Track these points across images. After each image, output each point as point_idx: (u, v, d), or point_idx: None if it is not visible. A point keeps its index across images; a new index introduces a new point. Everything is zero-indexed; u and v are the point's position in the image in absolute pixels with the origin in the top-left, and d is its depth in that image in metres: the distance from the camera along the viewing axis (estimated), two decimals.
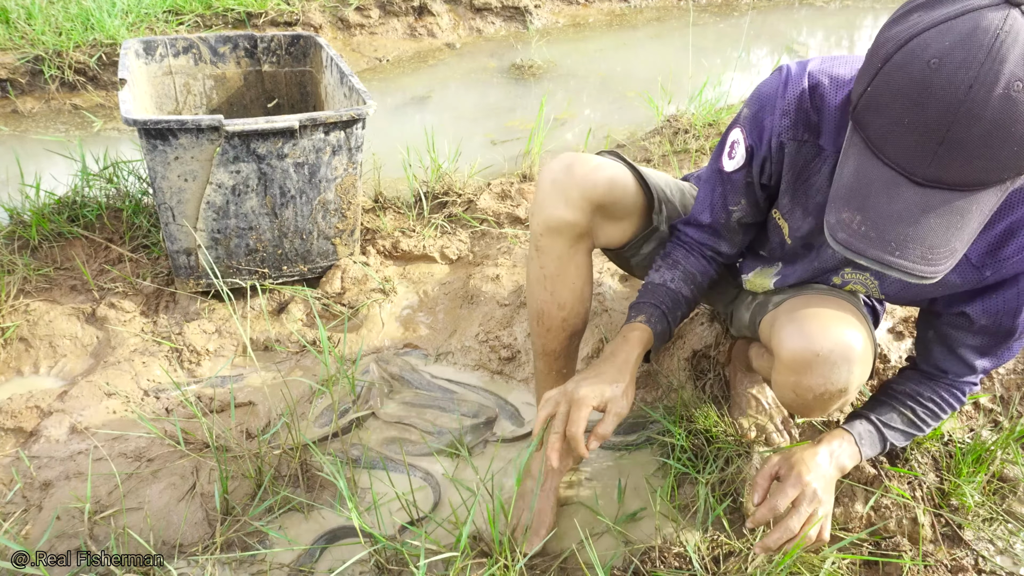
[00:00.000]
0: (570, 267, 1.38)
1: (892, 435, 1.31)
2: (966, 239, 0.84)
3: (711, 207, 1.31)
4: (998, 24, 0.75)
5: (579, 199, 1.31)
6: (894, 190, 0.83)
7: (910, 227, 0.83)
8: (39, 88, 3.48)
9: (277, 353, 1.92)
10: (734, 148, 1.22)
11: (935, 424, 1.32)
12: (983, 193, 0.82)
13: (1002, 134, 0.76)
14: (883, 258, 0.85)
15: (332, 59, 2.26)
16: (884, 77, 0.81)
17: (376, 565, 1.36)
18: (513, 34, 4.80)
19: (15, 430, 1.65)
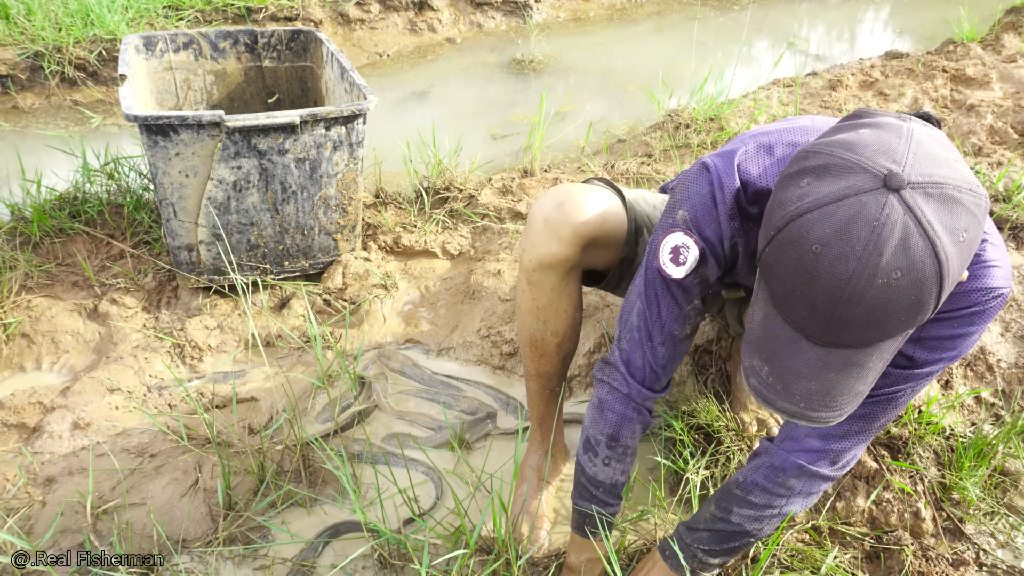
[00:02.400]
0: (563, 298, 1.40)
1: (694, 538, 1.23)
2: (870, 381, 0.88)
3: (663, 323, 1.22)
4: (875, 214, 0.77)
5: (571, 236, 1.32)
6: (796, 346, 0.86)
7: (812, 382, 0.86)
8: (39, 84, 3.47)
9: (279, 349, 1.92)
10: (680, 253, 1.17)
11: (748, 513, 1.17)
12: (880, 345, 0.85)
13: (887, 312, 0.80)
14: (790, 409, 0.89)
15: (332, 54, 2.25)
16: (776, 247, 0.84)
17: (379, 559, 1.37)
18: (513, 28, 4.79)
19: (18, 426, 1.66)
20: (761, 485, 1.16)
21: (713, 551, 1.22)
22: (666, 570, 1.26)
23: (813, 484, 1.14)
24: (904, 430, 1.57)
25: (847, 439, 1.10)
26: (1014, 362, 1.80)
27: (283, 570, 1.36)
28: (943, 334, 1.01)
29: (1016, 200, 2.26)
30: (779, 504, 1.16)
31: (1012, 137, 2.87)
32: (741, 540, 1.20)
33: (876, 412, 1.08)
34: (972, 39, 4.02)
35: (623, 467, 1.29)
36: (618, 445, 1.27)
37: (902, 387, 1.05)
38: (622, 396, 1.26)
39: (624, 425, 1.27)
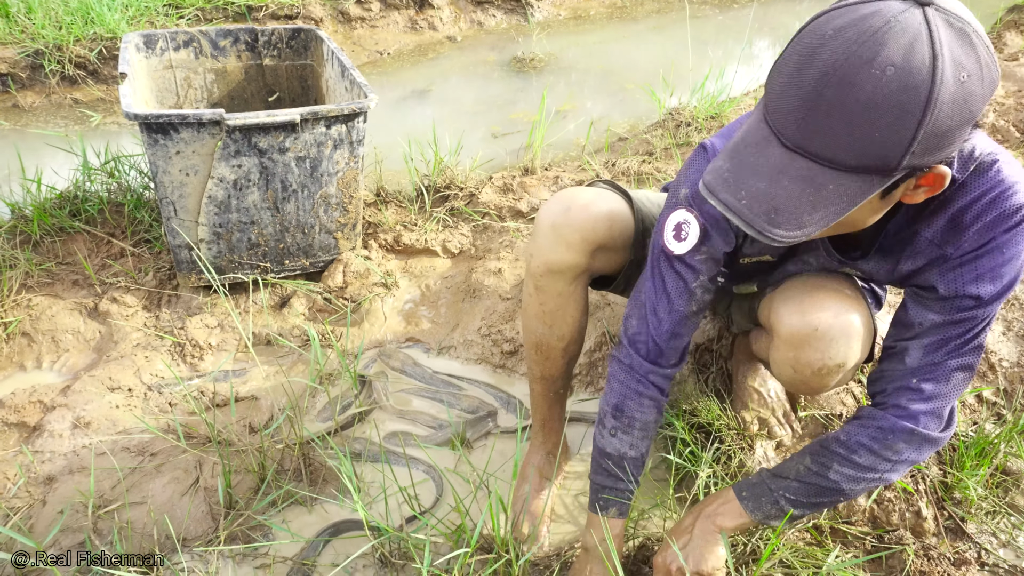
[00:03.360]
0: (570, 304, 1.40)
1: (782, 486, 1.18)
2: (817, 219, 0.86)
3: (669, 298, 1.24)
4: (894, 14, 0.79)
5: (579, 242, 1.32)
6: (765, 147, 0.88)
7: (764, 182, 0.87)
8: (39, 82, 3.47)
9: (279, 347, 1.92)
10: (682, 229, 1.20)
11: (848, 472, 1.14)
12: (843, 175, 0.84)
13: (865, 115, 0.80)
14: (729, 202, 0.88)
15: (333, 52, 2.25)
16: (790, 46, 0.86)
17: (380, 558, 1.36)
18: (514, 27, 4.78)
19: (18, 425, 1.66)
20: (867, 446, 1.13)
21: (799, 502, 1.18)
22: (738, 510, 1.22)
23: (922, 449, 1.12)
24: None
25: (950, 395, 1.10)
26: (1016, 361, 1.80)
27: (284, 569, 1.36)
28: (995, 261, 1.03)
29: None
30: (883, 469, 1.13)
31: (1014, 135, 2.86)
32: (832, 497, 1.17)
33: (972, 362, 1.09)
34: None
35: (630, 440, 1.29)
36: (623, 416, 1.29)
37: (979, 325, 1.06)
38: (626, 368, 1.29)
39: (628, 396, 1.28)
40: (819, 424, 1.62)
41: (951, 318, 1.07)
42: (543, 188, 2.57)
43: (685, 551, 1.21)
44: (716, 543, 1.21)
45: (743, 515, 1.21)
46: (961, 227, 1.04)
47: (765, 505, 1.19)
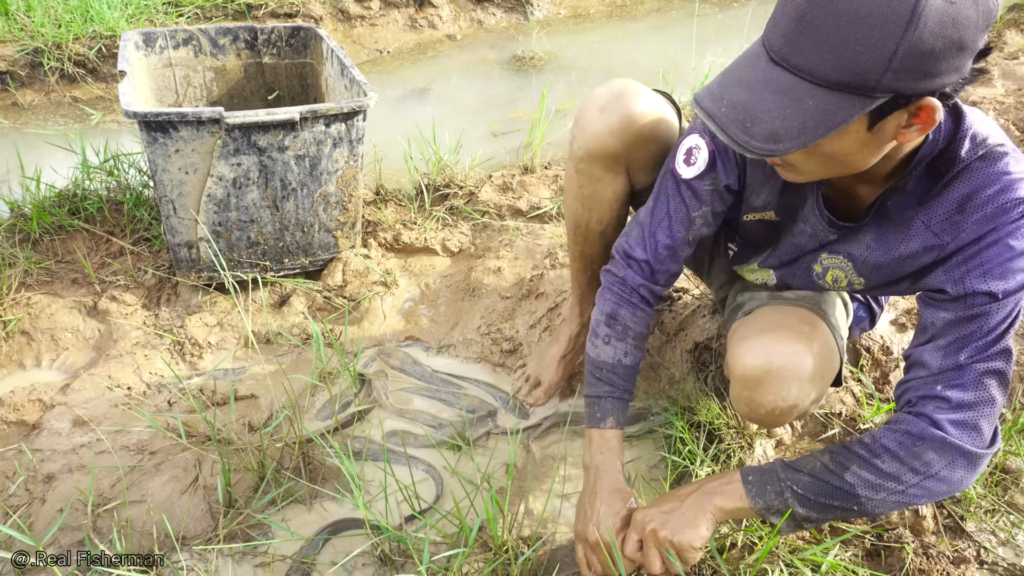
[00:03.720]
0: (607, 190, 1.43)
1: (791, 478, 1.10)
2: (794, 134, 0.87)
3: (670, 221, 1.26)
4: None
5: (622, 129, 1.34)
6: (754, 61, 0.90)
7: (746, 93, 0.89)
8: (39, 80, 3.47)
9: (279, 346, 1.92)
10: (692, 154, 1.22)
11: (867, 476, 1.05)
12: (822, 91, 0.85)
13: (848, 26, 0.81)
14: (710, 109, 0.91)
15: (333, 51, 2.25)
16: None
17: (379, 557, 1.36)
18: (514, 25, 4.78)
19: (18, 423, 1.66)
20: (892, 451, 1.04)
21: (806, 499, 1.08)
22: (740, 493, 1.13)
23: (956, 464, 1.01)
24: None
25: (982, 405, 1.01)
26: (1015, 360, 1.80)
27: (283, 567, 1.36)
28: (1002, 256, 0.99)
29: None
30: (908, 481, 1.03)
31: (1014, 134, 2.86)
32: (843, 502, 1.06)
33: (1001, 367, 1.01)
34: None
35: (625, 348, 1.30)
36: (616, 323, 1.31)
37: (1000, 324, 1.00)
38: (619, 280, 1.33)
39: (622, 305, 1.32)
40: (819, 423, 1.62)
41: (965, 314, 1.02)
42: (543, 187, 2.56)
43: (668, 516, 1.15)
44: (703, 520, 1.14)
45: (743, 499, 1.13)
46: (961, 216, 1.02)
47: (769, 495, 1.11)
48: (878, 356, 1.74)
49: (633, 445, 1.66)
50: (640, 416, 1.71)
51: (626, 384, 1.31)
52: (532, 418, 1.73)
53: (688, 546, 1.12)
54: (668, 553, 1.13)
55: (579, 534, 1.25)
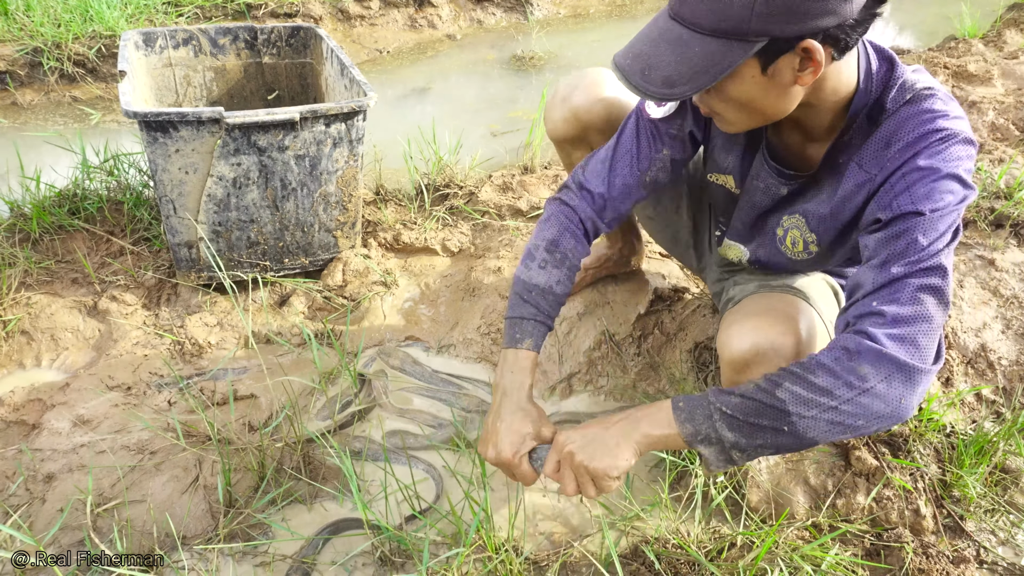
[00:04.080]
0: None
1: (722, 400, 1.05)
2: (687, 79, 0.98)
3: (631, 158, 1.33)
4: None
5: (574, 119, 1.54)
6: (657, 19, 1.02)
7: (647, 46, 1.01)
8: (38, 80, 3.46)
9: (279, 346, 1.92)
10: None
11: (799, 391, 0.99)
12: (706, 39, 0.96)
13: None
14: (619, 62, 1.03)
15: (332, 51, 2.25)
16: None
17: (380, 557, 1.36)
18: (514, 25, 4.78)
19: (18, 423, 1.66)
20: (827, 366, 0.99)
21: (735, 420, 1.03)
22: (668, 419, 1.08)
23: (893, 379, 0.97)
24: (904, 427, 1.57)
25: (919, 320, 0.99)
26: (1015, 359, 1.80)
27: (283, 567, 1.36)
28: (926, 177, 1.02)
29: (1018, 197, 2.25)
30: (842, 395, 0.98)
31: (1014, 134, 2.86)
32: (774, 422, 1.01)
33: (936, 283, 1.00)
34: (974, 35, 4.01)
35: (559, 276, 1.32)
36: (556, 251, 1.33)
37: (930, 240, 1.00)
38: (568, 209, 1.37)
39: (565, 234, 1.34)
40: None
41: (895, 231, 1.03)
42: (543, 187, 2.56)
43: (589, 441, 1.11)
44: (626, 449, 1.09)
45: (671, 426, 1.07)
46: (887, 150, 1.07)
47: (698, 418, 1.05)
48: None
49: None
50: None
51: (551, 311, 1.32)
52: None
53: (603, 474, 1.10)
54: (583, 479, 1.11)
55: (481, 453, 1.24)
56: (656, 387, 1.77)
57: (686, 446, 1.07)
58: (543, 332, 1.31)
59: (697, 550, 1.33)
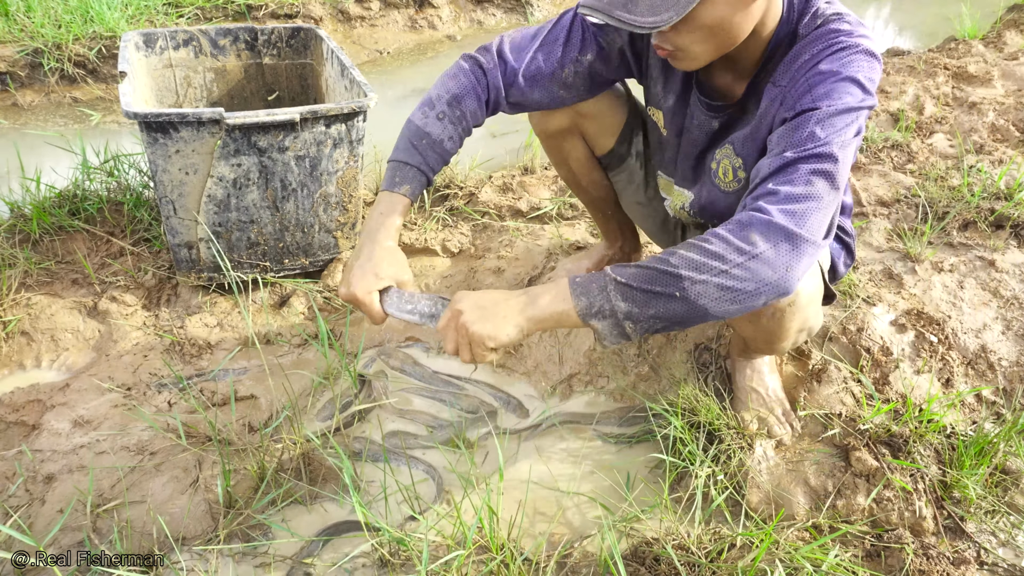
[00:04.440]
0: (572, 154, 1.68)
1: (617, 271, 1.06)
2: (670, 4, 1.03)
3: (554, 46, 1.34)
4: None
5: (566, 107, 1.50)
6: None
7: None
8: (39, 81, 3.47)
9: (279, 346, 1.92)
10: None
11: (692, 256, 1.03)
12: None
13: None
14: (592, 3, 1.07)
15: (333, 51, 2.25)
16: None
17: (379, 558, 1.36)
18: (514, 25, 4.78)
19: (17, 423, 1.66)
20: (720, 235, 1.04)
21: (629, 288, 1.04)
22: (564, 294, 1.07)
23: (780, 245, 1.02)
24: (905, 428, 1.57)
25: (810, 198, 1.05)
26: (1015, 360, 1.80)
27: (283, 568, 1.36)
28: (826, 79, 1.10)
29: (1018, 198, 2.25)
30: (732, 260, 1.01)
31: (1014, 135, 2.86)
32: (666, 287, 1.02)
33: (829, 169, 1.06)
34: (974, 36, 4.01)
35: (452, 131, 1.33)
36: (458, 108, 1.32)
37: (826, 131, 1.07)
38: (480, 71, 1.35)
39: (471, 93, 1.33)
40: (819, 423, 1.62)
41: (794, 124, 1.10)
42: (543, 188, 2.57)
43: (481, 306, 1.11)
44: (514, 320, 1.09)
45: (566, 300, 1.07)
46: (796, 63, 1.16)
47: (593, 291, 1.05)
48: (878, 357, 1.74)
49: (632, 446, 1.66)
50: (639, 418, 1.71)
51: (436, 165, 1.33)
52: (531, 418, 1.73)
53: (481, 340, 1.09)
54: (462, 341, 1.12)
55: (340, 294, 1.26)
56: (656, 388, 1.77)
57: (580, 322, 1.07)
58: (423, 183, 1.32)
59: (697, 551, 1.33)
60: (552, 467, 1.60)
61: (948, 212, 2.25)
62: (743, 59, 1.24)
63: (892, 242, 2.17)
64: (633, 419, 1.71)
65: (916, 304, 1.90)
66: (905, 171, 2.61)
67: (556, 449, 1.65)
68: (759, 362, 1.66)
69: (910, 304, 1.90)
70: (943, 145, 2.80)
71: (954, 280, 2.00)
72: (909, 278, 1.99)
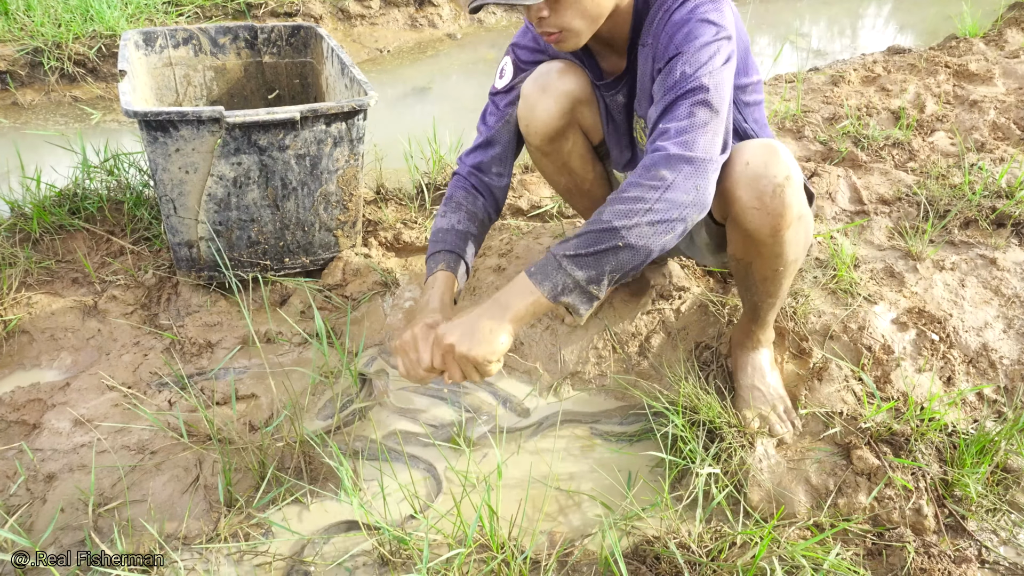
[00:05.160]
0: (574, 156, 1.68)
1: (562, 248, 1.18)
2: None
3: (490, 119, 1.61)
4: None
5: (565, 96, 1.55)
6: None
7: None
8: (39, 80, 3.47)
9: (279, 345, 1.91)
10: (503, 71, 1.60)
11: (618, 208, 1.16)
12: None
13: None
14: None
15: (333, 50, 2.25)
16: None
17: (380, 557, 1.36)
18: (514, 24, 4.77)
19: (18, 423, 1.65)
20: (633, 181, 1.17)
21: (579, 256, 1.16)
22: (528, 287, 1.19)
23: (683, 170, 1.16)
24: (906, 426, 1.57)
25: (696, 128, 1.18)
26: (1016, 359, 1.80)
27: (283, 567, 1.36)
28: (678, 24, 1.25)
29: (1019, 196, 2.25)
30: (651, 198, 1.15)
31: (1015, 133, 2.86)
32: (609, 241, 1.15)
33: (705, 98, 1.19)
34: (975, 35, 4.01)
35: (458, 217, 1.52)
36: (451, 201, 1.56)
37: (694, 67, 1.21)
38: (456, 175, 1.61)
39: (457, 189, 1.58)
40: (820, 422, 1.62)
41: (666, 72, 1.25)
42: (543, 186, 2.56)
43: (464, 331, 1.21)
44: (500, 331, 1.19)
45: (533, 291, 1.18)
46: (652, 22, 1.32)
47: (552, 273, 1.17)
48: (879, 355, 1.73)
49: (633, 444, 1.66)
50: (640, 416, 1.71)
51: (457, 243, 1.49)
52: (532, 417, 1.73)
53: (484, 360, 1.19)
54: (467, 368, 1.21)
55: (392, 347, 1.39)
56: (657, 386, 1.77)
57: (552, 304, 1.18)
58: (454, 260, 1.48)
59: (698, 549, 1.33)
60: (552, 466, 1.60)
61: (949, 210, 2.25)
62: (616, 35, 1.39)
63: (893, 240, 2.17)
64: (634, 417, 1.71)
65: (917, 302, 1.90)
66: (906, 169, 2.61)
67: (556, 448, 1.65)
68: (761, 359, 1.66)
69: (911, 302, 1.90)
70: (944, 143, 2.80)
71: (955, 278, 1.99)
72: (910, 276, 1.99)
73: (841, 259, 1.97)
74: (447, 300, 1.40)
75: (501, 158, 1.61)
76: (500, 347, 1.19)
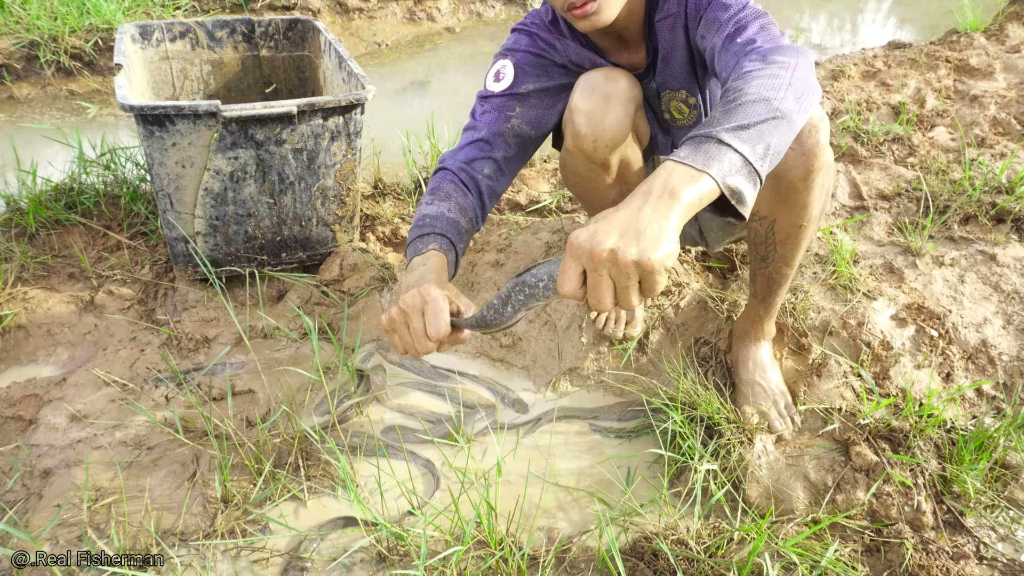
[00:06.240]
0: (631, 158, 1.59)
1: (720, 125, 0.96)
2: None
3: (484, 119, 1.53)
4: None
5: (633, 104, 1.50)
6: None
7: None
8: (35, 74, 3.45)
9: (276, 341, 1.91)
10: (500, 74, 1.55)
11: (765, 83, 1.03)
12: None
13: None
14: None
15: (330, 44, 2.23)
16: None
17: (378, 554, 1.36)
18: (513, 17, 4.75)
19: (14, 418, 1.65)
20: (756, 68, 1.08)
21: (741, 130, 0.95)
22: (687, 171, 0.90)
23: (792, 53, 1.11)
24: (905, 423, 1.57)
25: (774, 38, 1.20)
26: (1015, 355, 1.79)
27: (280, 563, 1.36)
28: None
29: (1019, 192, 2.24)
30: (785, 75, 1.04)
31: (1015, 128, 2.85)
32: (767, 114, 0.97)
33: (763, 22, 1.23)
34: (976, 29, 3.99)
35: (448, 206, 1.40)
36: (439, 192, 1.43)
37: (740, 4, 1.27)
38: (442, 168, 1.51)
39: (444, 181, 1.46)
40: (818, 418, 1.62)
41: (710, 17, 1.31)
42: (542, 180, 2.55)
43: (627, 229, 0.85)
44: (671, 226, 0.86)
45: (699, 174, 0.89)
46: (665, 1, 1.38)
47: (713, 152, 0.92)
48: (878, 351, 1.73)
49: (631, 440, 1.65)
50: (639, 412, 1.70)
51: (448, 228, 1.33)
52: (530, 413, 1.73)
53: (660, 266, 0.85)
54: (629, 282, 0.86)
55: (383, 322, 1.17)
56: (656, 382, 1.77)
57: (718, 189, 0.91)
58: (447, 244, 1.29)
59: (696, 546, 1.33)
60: (551, 462, 1.59)
61: (949, 206, 2.24)
62: (631, 22, 1.42)
63: (893, 236, 2.16)
64: (632, 413, 1.71)
65: (917, 298, 1.89)
66: (906, 164, 2.60)
67: (555, 444, 1.64)
68: (762, 354, 1.66)
69: (911, 298, 1.89)
70: (944, 138, 2.79)
71: (955, 274, 1.99)
72: (910, 272, 1.98)
73: (840, 255, 1.97)
74: (443, 277, 1.21)
75: (498, 162, 1.51)
76: (673, 247, 0.86)
